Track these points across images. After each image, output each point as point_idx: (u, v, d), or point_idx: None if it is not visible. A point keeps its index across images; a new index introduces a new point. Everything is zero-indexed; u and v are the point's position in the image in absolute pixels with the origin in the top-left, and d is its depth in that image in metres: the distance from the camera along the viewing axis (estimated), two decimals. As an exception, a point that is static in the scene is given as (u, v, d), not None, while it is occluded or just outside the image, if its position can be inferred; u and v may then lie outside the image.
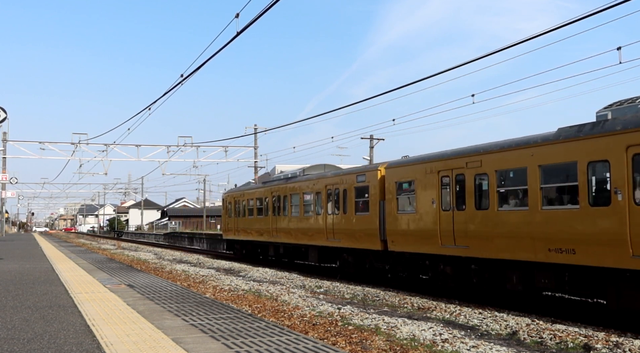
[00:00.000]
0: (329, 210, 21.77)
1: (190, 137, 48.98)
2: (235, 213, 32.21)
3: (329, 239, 21.67)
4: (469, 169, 15.02)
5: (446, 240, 15.63)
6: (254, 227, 29.12)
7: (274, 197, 26.66)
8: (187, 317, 8.54)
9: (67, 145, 47.62)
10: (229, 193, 34.54)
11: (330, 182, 21.82)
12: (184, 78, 20.59)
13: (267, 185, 28.32)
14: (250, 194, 30.06)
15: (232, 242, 33.77)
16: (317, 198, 22.74)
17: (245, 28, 14.48)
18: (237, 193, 32.75)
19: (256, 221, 28.76)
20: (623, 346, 9.58)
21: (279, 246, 26.62)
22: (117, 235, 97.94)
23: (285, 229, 25.44)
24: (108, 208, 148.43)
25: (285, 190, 25.65)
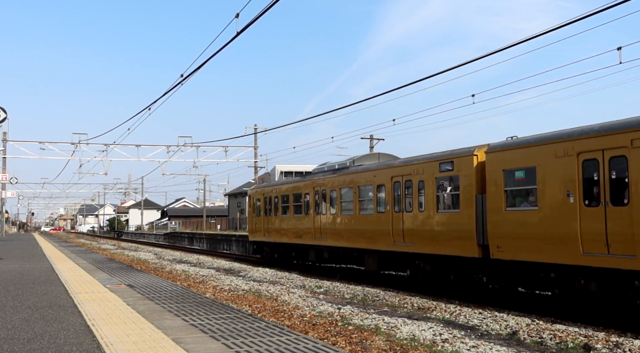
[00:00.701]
0: (397, 207, 17.83)
1: (190, 137, 49.06)
2: (265, 211, 28.07)
3: (396, 243, 17.73)
4: (636, 149, 11.10)
5: (592, 247, 11.83)
6: (289, 228, 25.30)
7: (318, 192, 22.76)
8: (187, 317, 8.53)
9: (67, 145, 47.67)
10: (257, 189, 29.90)
11: (398, 172, 17.87)
12: (184, 78, 20.60)
13: (307, 178, 24.21)
14: (284, 189, 26.02)
15: (261, 245, 29.46)
16: (379, 193, 18.76)
17: (245, 28, 14.49)
18: (267, 188, 28.30)
19: (292, 220, 24.98)
20: (623, 346, 9.58)
21: (322, 250, 22.79)
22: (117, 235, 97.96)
23: (332, 230, 21.56)
24: (108, 208, 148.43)
25: (333, 184, 21.72)
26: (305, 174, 25.49)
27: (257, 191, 29.79)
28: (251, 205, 30.33)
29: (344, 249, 21.20)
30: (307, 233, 23.50)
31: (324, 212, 22.22)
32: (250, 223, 30.59)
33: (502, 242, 13.96)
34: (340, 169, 21.90)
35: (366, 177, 19.59)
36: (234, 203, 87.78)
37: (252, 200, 30.04)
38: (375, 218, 18.96)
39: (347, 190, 20.79)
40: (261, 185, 30.45)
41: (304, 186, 24.03)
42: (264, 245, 28.95)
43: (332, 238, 21.67)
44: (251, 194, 30.48)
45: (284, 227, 25.92)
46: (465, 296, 15.65)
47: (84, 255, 26.91)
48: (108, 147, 47.92)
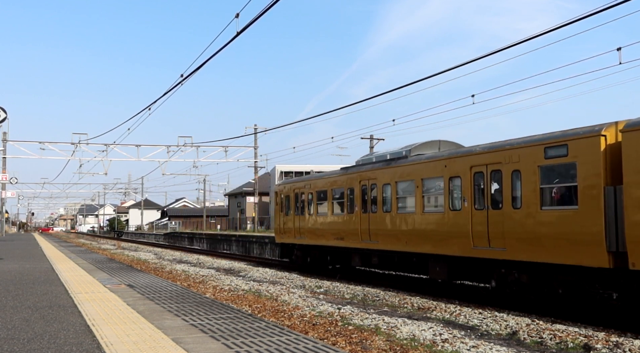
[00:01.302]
0: (478, 203, 14.69)
1: (190, 137, 49.15)
2: (296, 209, 24.67)
3: (477, 247, 14.54)
4: None
5: None
6: (327, 228, 21.94)
7: (365, 186, 19.51)
8: (187, 317, 8.54)
9: (67, 145, 47.76)
10: (286, 185, 26.31)
11: (481, 160, 14.67)
12: (184, 78, 20.60)
13: (350, 171, 20.83)
14: (321, 184, 22.71)
15: (290, 247, 25.91)
16: (452, 186, 15.65)
17: (245, 28, 14.49)
18: (299, 183, 24.77)
19: (332, 220, 21.67)
20: (623, 346, 9.58)
21: (370, 254, 19.51)
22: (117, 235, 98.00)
23: (384, 231, 18.33)
24: (108, 209, 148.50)
25: (386, 177, 18.38)
26: (347, 167, 21.47)
27: (286, 187, 26.06)
28: (278, 203, 26.57)
29: (401, 254, 17.88)
30: (350, 235, 20.13)
31: (374, 210, 18.92)
32: (277, 223, 26.89)
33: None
34: (395, 159, 18.49)
35: (433, 167, 16.35)
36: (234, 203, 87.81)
37: (280, 197, 26.40)
38: (446, 217, 15.70)
39: (405, 183, 17.57)
40: (291, 180, 26.81)
41: (348, 180, 20.69)
42: (294, 248, 25.38)
43: (384, 241, 18.32)
44: (279, 190, 26.75)
45: (320, 227, 22.54)
46: (465, 296, 15.65)
47: (84, 255, 26.91)
48: (108, 147, 47.97)
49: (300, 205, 24.33)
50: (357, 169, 20.51)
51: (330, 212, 21.79)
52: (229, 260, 33.28)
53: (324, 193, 22.50)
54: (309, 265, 24.11)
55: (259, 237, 42.68)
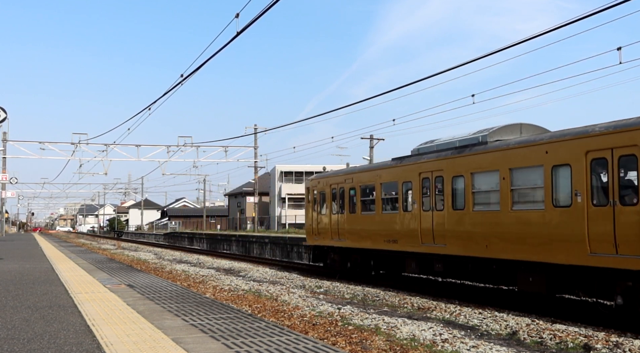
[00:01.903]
0: (596, 197, 11.81)
1: (190, 137, 49.16)
2: (332, 207, 21.63)
3: (596, 253, 11.60)
4: None
5: None
6: (374, 228, 18.86)
7: (427, 180, 16.47)
8: (187, 317, 8.54)
9: (67, 145, 47.79)
10: (321, 179, 23.05)
11: (602, 143, 11.69)
12: (184, 78, 20.61)
13: (407, 162, 17.69)
14: (367, 178, 19.56)
15: (324, 251, 22.87)
16: (556, 178, 12.68)
17: (245, 28, 14.50)
18: (338, 177, 21.58)
19: (381, 219, 18.54)
20: (623, 346, 9.59)
21: (432, 259, 16.44)
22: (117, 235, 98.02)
23: (455, 233, 15.31)
24: (108, 209, 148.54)
25: (457, 167, 15.40)
26: (400, 158, 18.22)
27: (321, 181, 22.82)
28: (311, 200, 23.49)
29: (476, 260, 14.84)
30: (406, 237, 17.19)
31: (440, 207, 15.95)
32: (309, 222, 23.71)
33: None
34: (469, 146, 15.45)
35: (528, 154, 13.44)
36: (234, 203, 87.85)
37: (313, 193, 23.31)
38: (547, 216, 12.81)
39: (485, 175, 14.59)
40: (328, 173, 23.53)
41: (402, 172, 17.62)
42: (331, 251, 22.25)
43: (454, 245, 15.34)
44: (311, 186, 23.56)
45: (365, 228, 19.48)
46: (465, 296, 15.65)
47: (84, 255, 26.92)
48: (108, 147, 47.99)
49: (339, 202, 21.17)
50: (416, 159, 17.27)
51: (379, 210, 18.69)
52: (229, 260, 33.29)
53: (370, 188, 19.42)
54: (349, 271, 20.97)
55: (259, 237, 42.70)
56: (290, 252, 36.24)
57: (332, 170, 24.54)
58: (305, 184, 24.78)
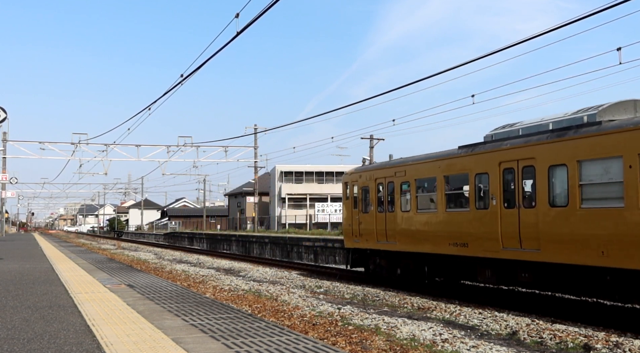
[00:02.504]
0: None
1: (190, 137, 49.14)
2: (379, 205, 18.88)
3: None
4: None
5: None
6: (436, 230, 16.18)
7: (510, 170, 13.78)
8: (187, 317, 8.53)
9: (67, 145, 47.77)
10: (363, 172, 20.19)
11: None
12: (184, 78, 20.60)
13: (479, 150, 14.97)
14: (426, 170, 16.81)
15: (366, 255, 20.03)
16: None
17: (245, 28, 14.50)
18: (387, 170, 18.62)
19: (445, 218, 15.86)
20: (623, 346, 9.59)
21: (518, 267, 13.66)
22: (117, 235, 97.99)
23: (555, 236, 12.52)
24: (108, 208, 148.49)
25: (556, 155, 12.68)
26: (470, 145, 15.46)
27: (363, 175, 20.02)
28: (350, 196, 20.75)
29: (583, 270, 12.09)
30: (480, 240, 14.48)
31: (529, 204, 13.24)
32: (347, 222, 20.89)
33: None
34: (573, 128, 12.63)
35: None
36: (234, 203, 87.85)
37: (353, 189, 20.60)
38: None
39: (600, 163, 11.77)
40: (373, 166, 20.49)
41: (475, 162, 14.90)
42: (376, 256, 19.44)
43: (551, 250, 12.57)
44: (350, 180, 20.76)
45: (422, 228, 16.80)
46: (465, 296, 15.65)
47: (84, 255, 26.91)
48: (108, 147, 47.99)
49: (387, 198, 18.44)
50: (493, 146, 14.57)
51: (441, 208, 15.93)
52: (229, 260, 33.29)
53: (429, 182, 16.74)
54: (399, 279, 18.16)
55: (259, 237, 42.70)
56: (290, 252, 36.24)
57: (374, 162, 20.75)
58: (342, 179, 21.73)
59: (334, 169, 73.99)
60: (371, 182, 19.36)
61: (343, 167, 74.30)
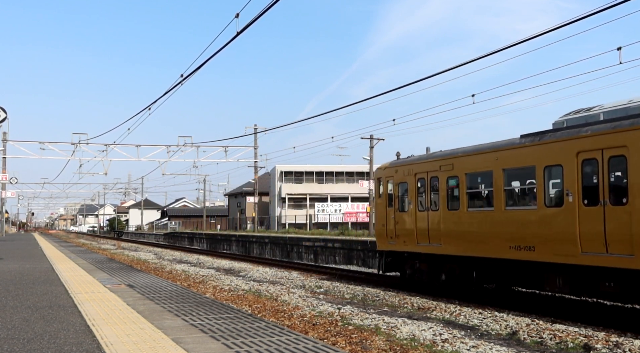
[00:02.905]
0: None
1: (190, 137, 49.16)
2: (420, 203, 16.98)
3: None
4: None
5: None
6: (491, 230, 14.25)
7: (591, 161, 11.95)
8: (187, 317, 8.53)
9: (67, 145, 47.79)
10: (400, 167, 18.05)
11: None
12: (184, 78, 20.60)
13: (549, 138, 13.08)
14: (479, 162, 14.91)
15: (405, 258, 17.90)
16: None
17: (245, 28, 14.50)
18: (429, 163, 16.74)
19: (502, 217, 13.95)
20: (623, 346, 9.59)
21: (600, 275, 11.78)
22: (117, 235, 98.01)
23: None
24: (108, 208, 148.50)
25: None
26: (536, 134, 13.55)
27: (399, 170, 17.96)
28: (383, 193, 18.74)
29: None
30: (550, 243, 12.65)
31: (618, 200, 11.38)
32: (381, 221, 18.85)
33: None
34: None
35: None
36: (234, 203, 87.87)
37: (387, 185, 18.60)
38: None
39: None
40: (410, 159, 18.02)
41: (545, 153, 13.00)
42: (415, 259, 17.40)
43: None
44: (384, 176, 18.74)
45: (475, 229, 14.84)
46: (465, 296, 15.65)
47: (84, 255, 26.91)
48: (108, 147, 47.99)
49: (429, 195, 16.53)
50: (568, 133, 12.71)
51: (499, 206, 14.01)
52: (229, 260, 33.29)
53: (483, 177, 14.95)
54: (443, 285, 16.23)
55: (259, 237, 42.70)
56: (290, 252, 36.26)
57: (412, 155, 18.31)
58: (374, 175, 19.57)
59: (334, 168, 74.04)
60: (410, 177, 17.38)
61: (343, 167, 74.44)
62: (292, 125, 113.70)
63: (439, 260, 16.35)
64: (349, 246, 30.01)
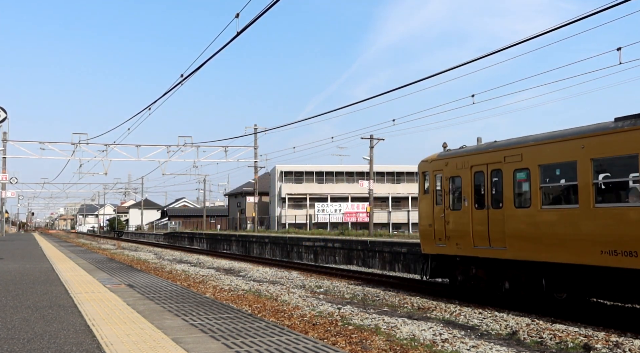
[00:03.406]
0: None
1: (190, 137, 49.14)
2: (477, 200, 14.81)
3: None
4: None
5: None
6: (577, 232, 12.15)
7: None
8: (187, 317, 8.53)
9: (67, 145, 47.78)
10: (451, 158, 15.92)
11: None
12: (184, 78, 20.61)
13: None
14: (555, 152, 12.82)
15: (457, 263, 15.73)
16: None
17: (245, 28, 14.51)
18: (489, 154, 14.66)
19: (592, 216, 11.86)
20: (623, 346, 9.59)
21: None
22: (117, 235, 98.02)
23: None
24: (108, 208, 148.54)
25: None
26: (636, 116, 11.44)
27: (451, 162, 15.80)
28: (431, 190, 16.59)
29: None
30: None
31: None
32: (427, 221, 16.58)
33: None
34: None
35: None
36: (234, 203, 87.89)
37: (434, 179, 16.49)
38: None
39: None
40: (464, 151, 15.69)
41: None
42: (469, 265, 15.24)
43: None
44: (431, 169, 16.56)
45: (553, 230, 12.69)
46: (465, 296, 15.64)
47: (84, 255, 26.91)
48: (108, 147, 47.99)
49: (491, 191, 14.48)
50: None
51: (588, 202, 11.90)
52: (229, 260, 33.29)
53: (564, 168, 12.84)
54: (507, 295, 14.20)
55: (259, 237, 42.70)
56: (290, 252, 36.26)
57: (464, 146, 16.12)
58: (419, 168, 17.18)
59: (334, 168, 74.05)
60: (464, 170, 15.19)
61: (343, 167, 74.47)
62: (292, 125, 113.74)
63: (501, 265, 14.22)
64: (348, 246, 30.03)
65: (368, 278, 20.82)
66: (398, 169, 74.86)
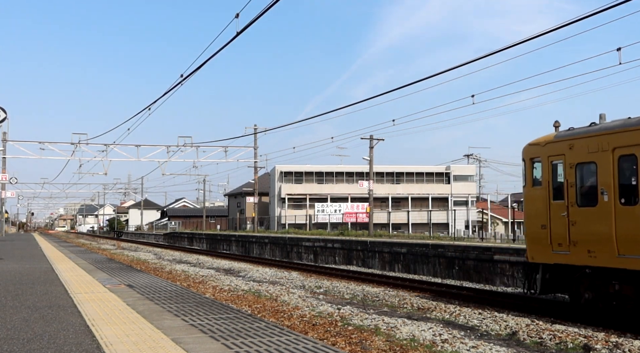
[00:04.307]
0: None
1: (190, 137, 49.14)
2: (626, 192, 11.23)
3: None
4: None
5: None
6: None
7: None
8: (187, 317, 8.53)
9: (67, 145, 47.80)
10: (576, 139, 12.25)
11: None
12: (184, 78, 20.61)
13: None
14: None
15: (585, 275, 12.19)
16: None
17: (245, 28, 14.50)
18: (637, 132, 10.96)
19: None
20: (623, 346, 9.59)
21: None
22: (117, 235, 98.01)
23: None
24: (108, 209, 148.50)
25: None
26: None
27: (577, 144, 12.23)
28: (544, 181, 12.96)
29: None
30: None
31: None
32: (538, 221, 12.99)
33: None
34: None
35: None
36: (234, 203, 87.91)
37: (549, 167, 12.86)
38: None
39: None
40: (598, 129, 11.99)
41: None
42: (607, 279, 11.74)
43: None
44: (543, 154, 12.98)
45: None
46: (465, 296, 15.65)
47: (83, 255, 26.90)
48: (108, 147, 48.00)
49: None
50: None
51: None
52: (229, 260, 33.29)
53: None
54: None
55: (259, 237, 42.70)
56: (290, 252, 36.26)
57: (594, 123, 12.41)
58: (524, 154, 13.51)
59: (334, 169, 74.03)
60: (601, 154, 11.64)
61: (343, 167, 74.45)
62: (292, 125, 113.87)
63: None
64: (348, 246, 30.02)
65: (368, 278, 20.82)
66: (398, 169, 74.86)
